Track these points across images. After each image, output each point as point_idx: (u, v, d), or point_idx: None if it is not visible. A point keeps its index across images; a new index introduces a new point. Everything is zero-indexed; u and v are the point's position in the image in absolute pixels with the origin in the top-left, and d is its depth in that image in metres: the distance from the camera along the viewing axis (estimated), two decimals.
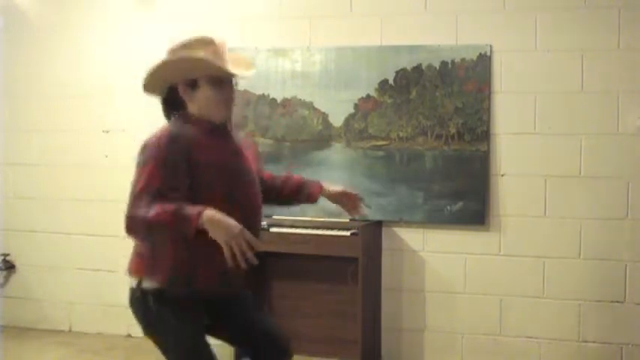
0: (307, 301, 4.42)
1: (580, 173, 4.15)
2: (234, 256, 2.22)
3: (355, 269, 4.13)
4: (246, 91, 4.57)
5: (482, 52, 4.25)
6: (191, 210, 2.24)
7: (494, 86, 4.25)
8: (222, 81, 2.48)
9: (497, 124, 4.26)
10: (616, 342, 4.12)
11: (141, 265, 2.44)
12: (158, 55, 4.65)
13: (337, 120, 4.47)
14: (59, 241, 5.05)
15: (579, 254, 4.16)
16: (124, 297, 5.21)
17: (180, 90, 2.50)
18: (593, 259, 4.14)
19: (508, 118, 4.24)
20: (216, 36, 2.57)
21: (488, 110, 4.25)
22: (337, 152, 4.48)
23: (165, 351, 2.47)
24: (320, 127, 4.50)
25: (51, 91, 5.04)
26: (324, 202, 4.44)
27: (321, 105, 4.50)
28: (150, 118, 4.94)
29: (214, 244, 2.27)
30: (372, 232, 4.36)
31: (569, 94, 4.16)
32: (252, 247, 2.25)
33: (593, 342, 4.15)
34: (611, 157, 4.11)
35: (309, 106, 4.51)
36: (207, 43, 2.52)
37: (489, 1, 4.27)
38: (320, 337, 4.38)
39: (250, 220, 2.40)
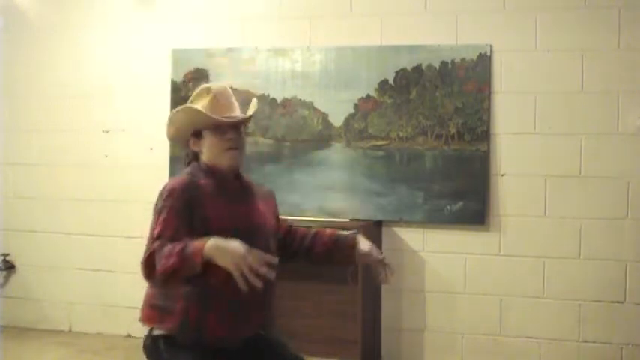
0: (307, 301, 4.42)
1: (580, 173, 4.15)
2: (246, 278, 2.13)
3: (355, 269, 4.13)
4: (246, 92, 4.57)
5: (482, 52, 4.25)
6: (194, 245, 2.20)
7: (494, 86, 4.25)
8: (224, 128, 2.44)
9: (497, 124, 4.26)
10: (616, 342, 4.12)
11: (152, 314, 2.49)
12: (158, 55, 4.65)
13: (337, 120, 4.47)
14: (59, 241, 5.05)
15: (579, 254, 4.16)
16: (124, 297, 5.25)
17: (190, 142, 2.51)
18: (593, 259, 4.14)
19: (508, 118, 4.24)
20: (217, 84, 2.55)
21: (488, 110, 4.25)
22: (337, 152, 4.48)
23: None
24: (320, 127, 4.51)
25: (51, 91, 5.04)
26: (323, 202, 4.47)
27: (321, 105, 4.50)
28: (150, 118, 4.99)
29: (225, 294, 2.27)
30: (372, 232, 4.36)
31: (569, 94, 4.16)
32: (264, 263, 2.15)
33: (593, 342, 4.15)
34: (611, 157, 4.11)
35: (309, 106, 4.51)
36: (204, 93, 2.49)
37: (489, 1, 4.27)
38: (320, 337, 4.37)
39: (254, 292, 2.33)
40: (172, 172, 4.73)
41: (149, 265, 2.28)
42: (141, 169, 4.86)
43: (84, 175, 4.99)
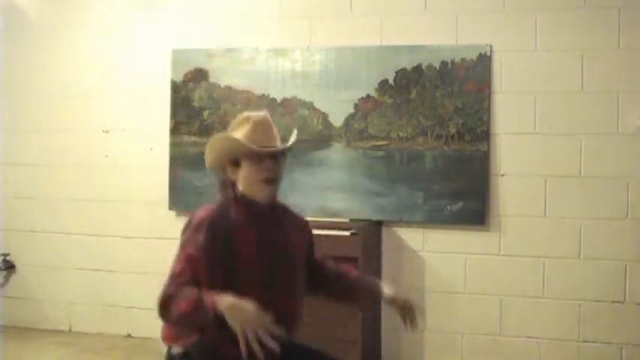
0: (307, 301, 4.40)
1: (580, 173, 4.15)
2: (248, 345, 2.10)
3: (355, 269, 4.12)
4: (246, 92, 4.58)
5: (482, 52, 4.25)
6: (210, 299, 2.18)
7: (494, 86, 4.25)
8: (261, 157, 2.42)
9: (497, 124, 4.26)
10: (616, 342, 4.12)
11: (170, 333, 2.47)
12: (158, 55, 4.64)
13: (337, 120, 4.47)
14: (59, 241, 5.05)
15: (579, 254, 4.16)
16: (124, 297, 5.24)
17: (228, 170, 2.48)
18: (593, 259, 4.14)
19: (508, 118, 4.24)
20: (259, 112, 2.53)
21: (488, 110, 4.25)
22: (337, 152, 4.48)
23: None
24: (320, 127, 4.50)
25: (51, 91, 5.04)
26: (324, 202, 4.46)
27: (321, 105, 4.50)
28: (150, 118, 4.99)
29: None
30: (372, 232, 4.36)
31: (569, 94, 4.16)
32: (269, 333, 2.13)
33: (593, 342, 4.15)
34: (611, 157, 4.11)
35: (309, 106, 4.51)
36: (244, 121, 2.48)
37: (489, 1, 4.27)
38: (320, 337, 4.35)
39: (285, 309, 2.35)
40: (172, 172, 4.74)
41: (165, 307, 2.25)
42: (141, 169, 4.86)
43: (84, 175, 4.99)
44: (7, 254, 5.13)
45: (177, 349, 2.44)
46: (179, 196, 4.70)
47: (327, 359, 2.59)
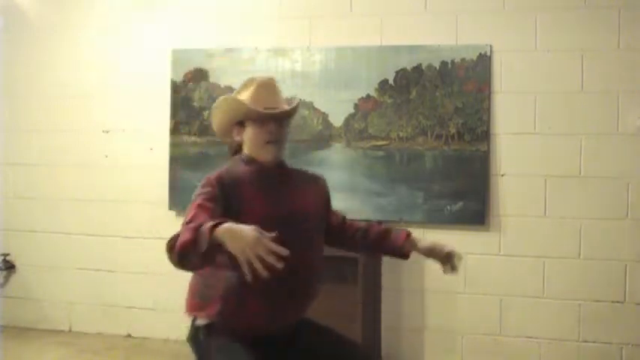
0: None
1: (580, 173, 4.15)
2: (253, 268, 2.06)
3: (355, 269, 4.13)
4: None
5: (482, 52, 4.25)
6: (208, 225, 2.14)
7: (494, 86, 4.26)
8: (265, 120, 2.46)
9: (497, 124, 4.26)
10: (616, 342, 4.12)
11: (194, 303, 2.47)
12: (158, 55, 4.65)
13: (337, 120, 4.47)
14: (59, 241, 5.05)
15: (579, 254, 4.16)
16: (124, 297, 5.23)
17: (233, 132, 2.52)
18: (593, 259, 4.15)
19: (508, 118, 4.25)
20: (263, 76, 2.57)
21: (488, 110, 4.26)
22: (337, 152, 4.48)
23: None
24: (320, 127, 4.51)
25: (51, 91, 5.04)
26: None
27: (321, 105, 4.50)
28: (150, 118, 4.99)
29: (265, 283, 2.18)
30: None
31: (569, 94, 4.16)
32: (272, 253, 2.08)
33: (593, 342, 4.15)
34: (611, 157, 4.11)
35: (309, 106, 4.51)
36: (249, 84, 2.52)
37: (489, 1, 4.28)
38: None
39: (297, 268, 2.33)
40: (172, 172, 4.74)
41: (172, 246, 2.22)
42: (141, 169, 4.86)
43: (84, 175, 4.99)
44: (7, 254, 5.13)
45: (201, 321, 2.44)
46: (179, 196, 4.70)
47: (338, 339, 2.60)
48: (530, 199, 4.23)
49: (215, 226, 2.12)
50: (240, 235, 2.08)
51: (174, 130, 4.75)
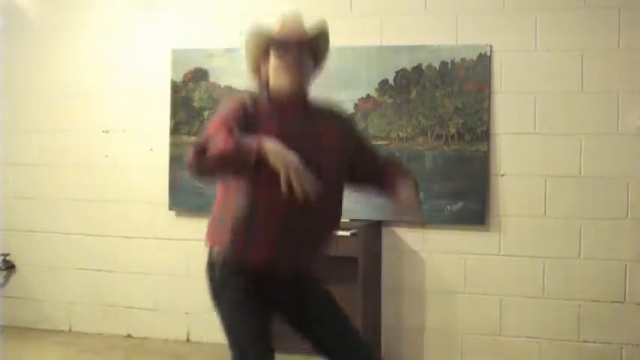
0: None
1: (580, 173, 4.15)
2: (290, 184, 2.15)
3: (355, 269, 4.13)
4: (246, 91, 4.57)
5: (482, 52, 4.25)
6: (253, 138, 2.20)
7: (494, 86, 4.25)
8: (285, 48, 2.45)
9: (498, 124, 4.26)
10: (616, 342, 4.12)
11: (212, 231, 2.49)
12: (158, 55, 4.64)
13: None
14: (59, 241, 5.04)
15: (579, 254, 4.16)
16: (124, 297, 5.23)
17: (261, 67, 2.51)
18: (593, 259, 4.14)
19: (508, 118, 4.24)
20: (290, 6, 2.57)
21: (488, 110, 4.25)
22: None
23: (220, 319, 2.49)
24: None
25: (51, 91, 5.04)
26: None
27: None
28: (150, 118, 4.98)
29: (275, 221, 2.31)
30: (372, 232, 4.36)
31: (569, 94, 4.16)
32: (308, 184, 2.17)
33: (593, 342, 4.15)
34: (611, 157, 4.11)
35: None
36: (277, 20, 2.53)
37: (489, 1, 4.27)
38: None
39: (312, 212, 2.34)
40: (172, 172, 4.73)
41: (200, 152, 2.22)
42: (141, 169, 4.86)
43: (84, 175, 4.99)
44: (7, 254, 5.13)
45: (215, 255, 2.46)
46: (179, 196, 4.70)
47: (344, 323, 2.62)
48: (530, 199, 4.22)
49: (260, 139, 2.17)
50: (286, 153, 2.17)
51: (174, 130, 4.75)
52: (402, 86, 4.37)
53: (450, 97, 4.30)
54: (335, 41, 4.47)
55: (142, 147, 4.86)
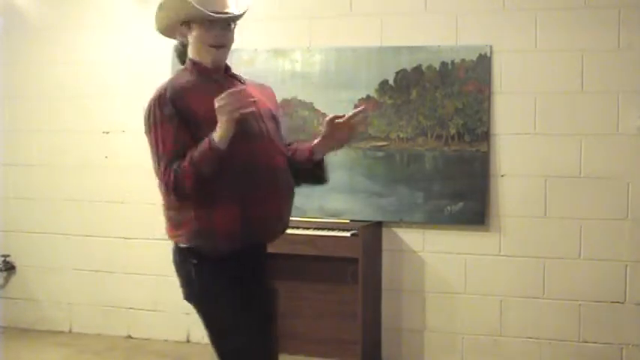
0: (307, 302, 4.42)
1: (580, 173, 4.15)
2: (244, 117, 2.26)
3: (355, 270, 4.13)
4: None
5: (483, 53, 4.25)
6: (200, 147, 2.27)
7: (495, 87, 4.25)
8: (212, 23, 2.43)
9: (498, 125, 4.26)
10: (616, 342, 4.12)
11: (170, 226, 2.49)
12: (158, 55, 4.65)
13: None
14: (59, 242, 5.04)
15: (579, 254, 4.16)
16: (124, 298, 5.22)
17: (177, 32, 2.53)
18: (593, 259, 4.14)
19: (508, 118, 4.24)
20: None
21: (489, 111, 4.25)
22: (337, 153, 4.45)
23: (212, 321, 2.51)
24: (320, 128, 4.49)
25: (51, 92, 5.04)
26: (324, 203, 4.46)
27: (321, 105, 4.50)
28: None
29: (231, 193, 2.32)
30: (372, 232, 4.36)
31: (569, 94, 4.16)
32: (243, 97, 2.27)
33: (593, 342, 4.15)
34: (611, 157, 4.11)
35: (309, 106, 4.51)
36: None
37: (489, 1, 4.27)
38: (320, 338, 4.37)
39: (266, 177, 2.38)
40: None
41: (178, 189, 2.32)
42: (141, 169, 4.85)
43: (84, 176, 4.99)
44: (7, 255, 5.13)
45: (182, 244, 2.46)
46: None
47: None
48: (530, 199, 4.22)
49: (210, 143, 2.26)
50: (220, 112, 2.26)
51: None
52: (402, 87, 4.37)
53: (450, 98, 4.30)
54: (335, 41, 4.53)
55: (142, 148, 4.82)
